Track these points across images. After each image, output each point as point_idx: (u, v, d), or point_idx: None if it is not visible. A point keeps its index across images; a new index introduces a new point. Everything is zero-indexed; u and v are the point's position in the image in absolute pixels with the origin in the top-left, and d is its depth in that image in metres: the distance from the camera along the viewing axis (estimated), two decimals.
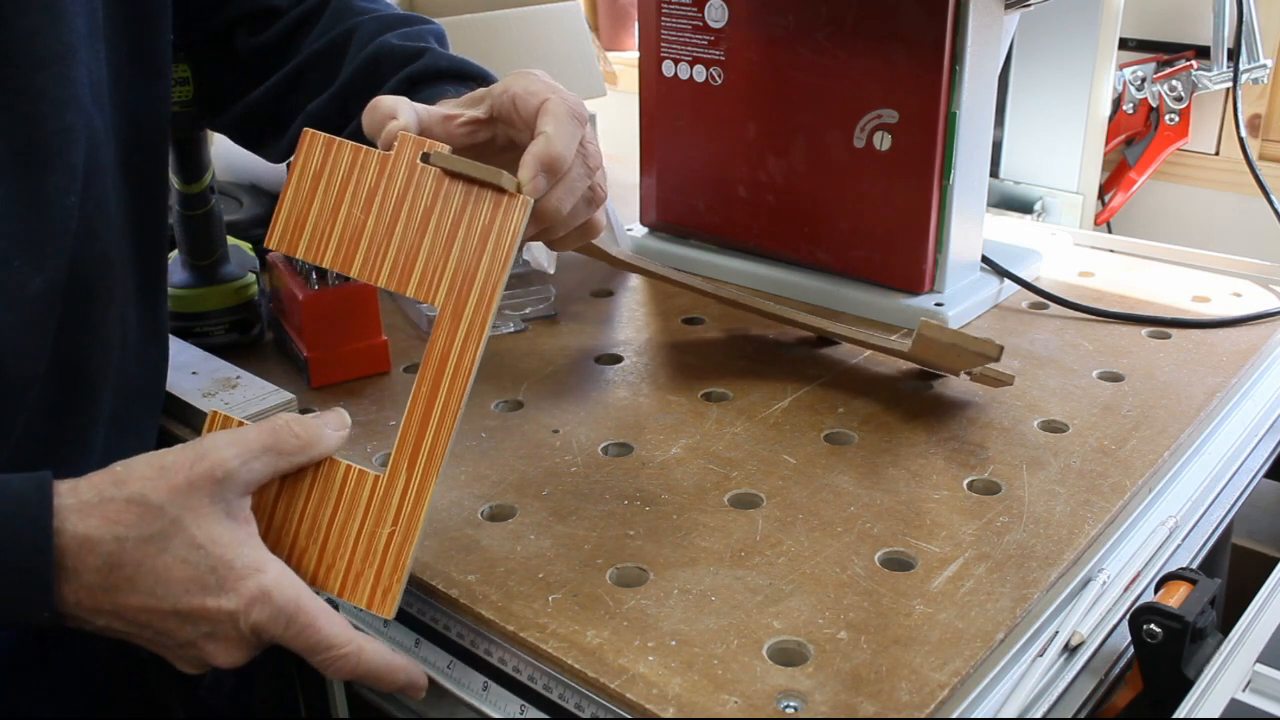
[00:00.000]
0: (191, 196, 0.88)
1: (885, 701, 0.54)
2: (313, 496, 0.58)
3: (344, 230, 0.59)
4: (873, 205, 0.95)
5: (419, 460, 0.57)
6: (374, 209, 0.59)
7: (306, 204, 0.60)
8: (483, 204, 0.58)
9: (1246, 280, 1.03)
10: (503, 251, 0.57)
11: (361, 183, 0.59)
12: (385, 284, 0.59)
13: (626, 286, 1.06)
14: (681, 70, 1.04)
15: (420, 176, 0.59)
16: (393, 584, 0.56)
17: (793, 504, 0.70)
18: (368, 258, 0.59)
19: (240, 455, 0.55)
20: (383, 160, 0.59)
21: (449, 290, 0.57)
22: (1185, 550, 0.70)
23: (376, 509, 0.57)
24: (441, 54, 0.74)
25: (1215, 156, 1.63)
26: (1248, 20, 1.31)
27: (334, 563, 0.57)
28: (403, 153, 0.59)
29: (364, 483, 0.58)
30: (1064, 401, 0.82)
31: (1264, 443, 0.81)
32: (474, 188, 0.58)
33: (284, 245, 0.60)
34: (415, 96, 0.70)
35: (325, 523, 0.57)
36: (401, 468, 0.57)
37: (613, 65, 2.17)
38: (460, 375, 0.57)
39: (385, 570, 0.56)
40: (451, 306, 0.57)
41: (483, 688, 0.60)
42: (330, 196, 0.60)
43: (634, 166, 1.11)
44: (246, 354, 0.91)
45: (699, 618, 0.59)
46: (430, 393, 0.57)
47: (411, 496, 0.57)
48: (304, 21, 0.79)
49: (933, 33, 0.88)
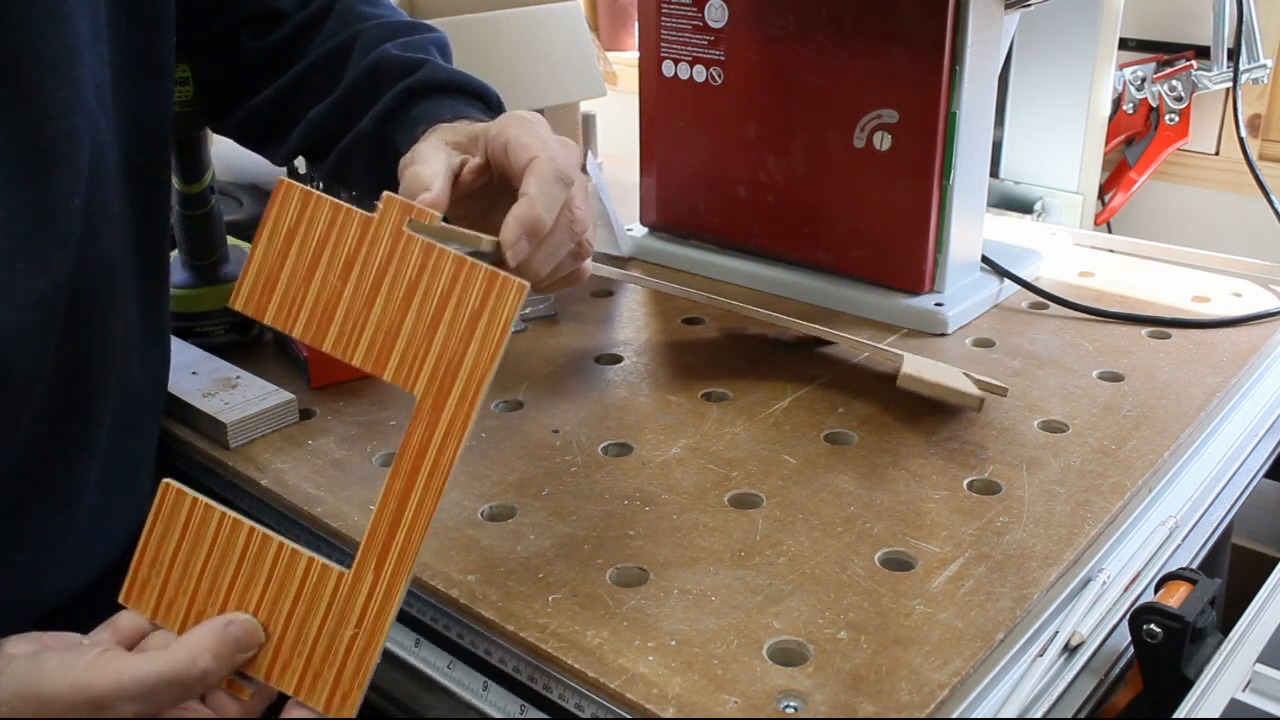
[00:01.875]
0: (191, 196, 0.88)
1: (885, 701, 0.54)
2: (270, 587, 0.53)
3: (318, 298, 0.53)
4: (873, 205, 0.95)
5: (388, 561, 0.52)
6: (352, 277, 0.53)
7: (279, 263, 0.53)
8: (474, 283, 0.51)
9: (1246, 280, 1.03)
10: (493, 340, 0.51)
11: (340, 246, 0.53)
12: (360, 364, 0.53)
13: (626, 286, 1.06)
14: (681, 70, 1.04)
15: (406, 245, 0.52)
16: (353, 688, 0.51)
17: (793, 504, 0.70)
18: (342, 332, 0.53)
19: (144, 710, 0.49)
20: (365, 222, 0.53)
21: (431, 378, 0.52)
22: (1185, 550, 0.70)
23: (340, 608, 0.52)
24: (441, 66, 0.74)
25: (1215, 156, 1.63)
26: (1248, 20, 1.31)
27: (290, 659, 0.52)
28: (387, 216, 0.53)
29: (327, 579, 0.52)
30: (1064, 401, 0.82)
31: (1264, 443, 0.81)
32: (464, 264, 0.52)
33: (250, 307, 0.54)
34: (414, 108, 0.70)
35: (283, 616, 0.52)
36: (369, 567, 0.52)
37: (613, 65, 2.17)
38: (438, 474, 0.52)
39: (346, 673, 0.51)
40: (433, 398, 0.52)
41: (483, 688, 0.60)
42: (305, 258, 0.53)
43: (634, 166, 1.11)
44: (246, 354, 0.91)
45: (699, 618, 0.59)
46: (404, 490, 0.52)
47: (379, 599, 0.52)
48: (308, 26, 0.78)
49: (933, 33, 0.88)
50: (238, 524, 0.54)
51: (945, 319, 0.93)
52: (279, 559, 0.53)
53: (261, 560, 0.53)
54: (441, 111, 0.69)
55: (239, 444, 0.78)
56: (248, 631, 0.52)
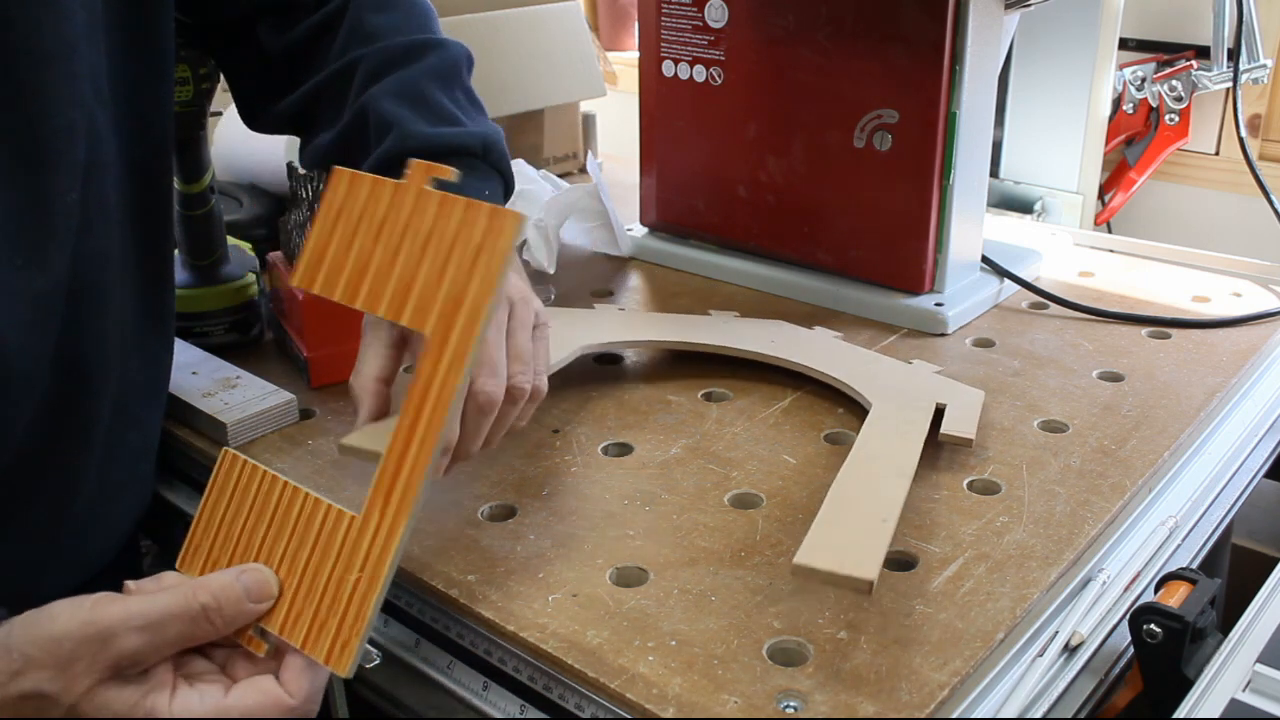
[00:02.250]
0: (191, 196, 0.88)
1: (885, 701, 0.54)
2: (294, 539, 0.55)
3: (355, 262, 0.58)
4: (873, 205, 0.95)
5: (392, 498, 0.53)
6: (383, 237, 0.57)
7: (327, 239, 0.59)
8: (477, 221, 0.55)
9: (1246, 280, 1.03)
10: (493, 271, 0.53)
11: (375, 212, 0.58)
12: (384, 313, 0.56)
13: (626, 286, 1.06)
14: (681, 70, 1.04)
15: (425, 199, 0.57)
16: (351, 637, 0.52)
17: (793, 504, 0.70)
18: (372, 288, 0.57)
19: (151, 643, 0.50)
20: (395, 188, 0.58)
21: (439, 315, 0.54)
22: (1185, 550, 0.70)
23: (348, 553, 0.53)
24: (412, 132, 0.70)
25: (1215, 156, 1.63)
26: (1248, 20, 1.31)
27: (302, 611, 0.53)
28: (414, 179, 0.57)
29: (340, 524, 0.54)
30: (1064, 401, 0.82)
31: (1264, 443, 0.81)
32: (471, 205, 0.55)
33: (304, 281, 0.59)
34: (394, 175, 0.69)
35: (301, 567, 0.54)
36: (377, 506, 0.53)
37: (613, 65, 2.17)
38: (441, 405, 0.53)
39: (346, 622, 0.52)
40: (440, 334, 0.54)
41: (483, 688, 0.60)
42: (347, 230, 0.58)
43: (634, 166, 1.11)
44: (246, 354, 0.91)
45: (699, 618, 0.59)
46: (410, 426, 0.53)
47: (381, 539, 0.52)
48: (325, 29, 0.77)
49: (933, 33, 0.88)
50: (275, 480, 0.56)
51: (945, 319, 0.93)
52: (303, 510, 0.55)
53: (290, 513, 0.55)
54: None
55: (239, 444, 0.78)
56: (259, 581, 0.53)
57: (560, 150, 1.41)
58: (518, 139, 1.35)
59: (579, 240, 1.15)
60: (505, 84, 1.28)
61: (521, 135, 1.35)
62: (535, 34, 1.31)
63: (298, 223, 0.86)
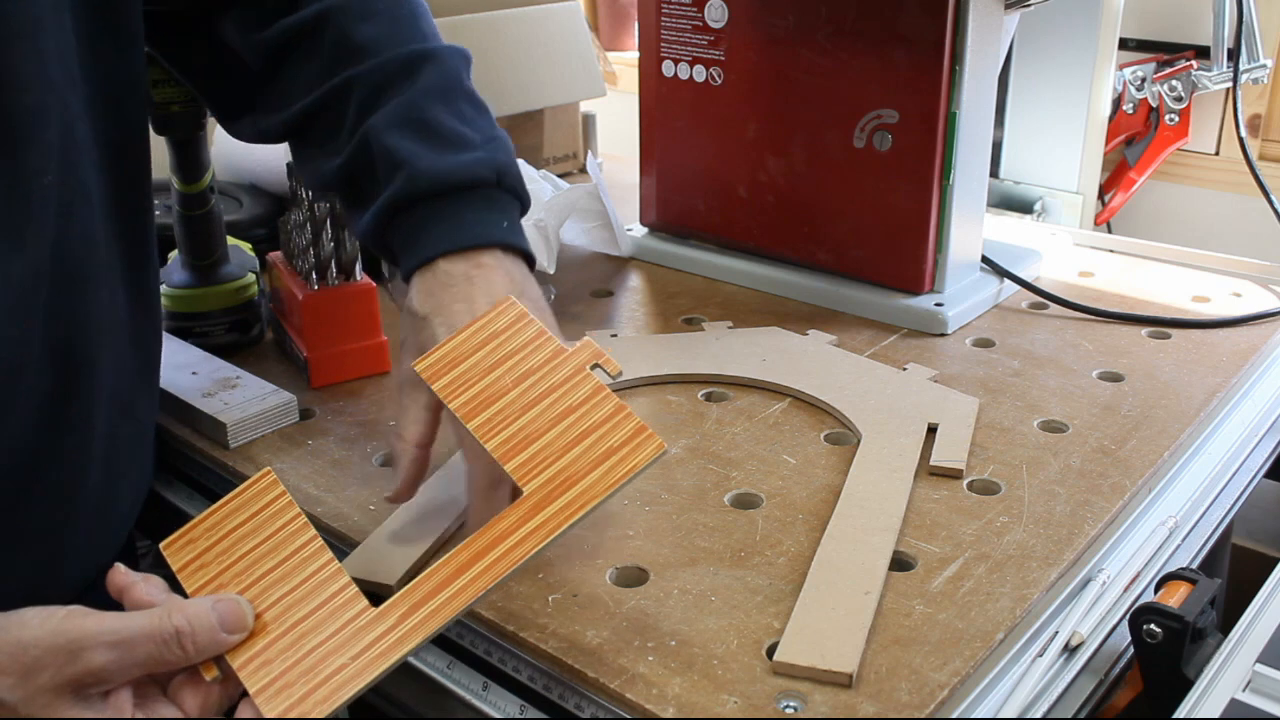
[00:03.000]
0: (191, 196, 0.88)
1: (885, 701, 0.54)
2: (296, 592, 0.54)
3: (487, 388, 0.59)
4: (873, 205, 0.95)
5: (416, 614, 0.52)
6: (524, 385, 0.59)
7: (469, 352, 0.61)
8: (622, 427, 0.56)
9: (1246, 280, 1.03)
10: (616, 475, 0.54)
11: (526, 360, 0.60)
12: (493, 449, 0.57)
13: (626, 286, 1.06)
14: (681, 70, 1.04)
15: (581, 379, 0.58)
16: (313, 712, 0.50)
17: (793, 504, 0.70)
18: (493, 419, 0.58)
19: (119, 661, 0.48)
20: (557, 351, 0.60)
21: (546, 482, 0.55)
22: (1185, 550, 0.70)
23: (347, 637, 0.52)
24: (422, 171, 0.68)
25: (1215, 156, 1.63)
26: (1248, 20, 1.31)
27: (272, 661, 0.52)
28: (579, 355, 0.59)
29: (351, 606, 0.53)
30: (1064, 401, 0.82)
31: (1264, 443, 0.81)
32: (621, 409, 0.57)
33: (428, 374, 0.61)
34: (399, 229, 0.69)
35: (291, 622, 0.53)
36: (396, 611, 0.52)
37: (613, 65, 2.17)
38: (504, 562, 0.53)
39: (314, 697, 0.50)
40: (539, 498, 0.54)
41: (483, 688, 0.60)
42: (493, 358, 0.60)
43: (634, 166, 1.11)
44: (246, 354, 0.91)
45: (699, 618, 0.59)
46: (467, 562, 0.53)
47: (387, 643, 0.52)
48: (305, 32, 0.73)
49: (933, 33, 0.88)
50: (305, 526, 0.56)
51: (945, 319, 0.93)
52: (320, 571, 0.54)
53: (303, 566, 0.54)
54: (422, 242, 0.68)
55: (239, 444, 0.78)
56: (234, 612, 0.52)
57: (560, 150, 1.41)
58: (518, 139, 1.34)
59: (579, 240, 1.15)
60: (505, 84, 1.28)
61: (521, 135, 1.35)
62: (535, 34, 1.31)
63: (298, 223, 0.86)
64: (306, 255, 0.85)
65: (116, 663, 0.48)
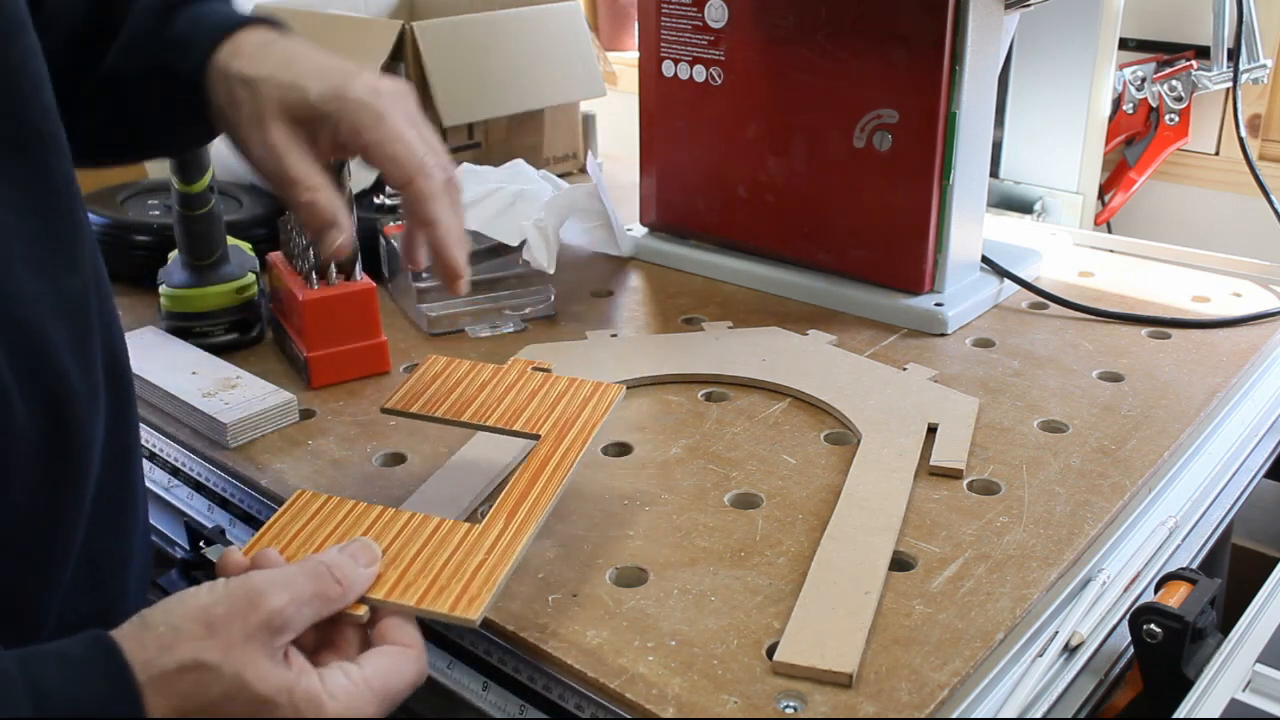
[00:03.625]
0: (191, 196, 0.88)
1: (885, 701, 0.54)
2: (398, 540, 0.57)
3: (457, 400, 0.69)
4: (873, 205, 0.95)
5: (518, 514, 0.59)
6: (485, 390, 0.70)
7: (425, 387, 0.70)
8: (583, 387, 0.69)
9: (1246, 280, 1.03)
10: (601, 410, 0.67)
11: (475, 379, 0.71)
12: (495, 423, 0.67)
13: (626, 286, 1.06)
14: (681, 70, 1.04)
15: (529, 375, 0.71)
16: (481, 592, 0.54)
17: (793, 504, 0.70)
18: (477, 411, 0.68)
19: (294, 603, 0.50)
20: (494, 370, 0.72)
21: (552, 426, 0.66)
22: (1185, 550, 0.70)
23: (468, 548, 0.56)
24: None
25: (1215, 156, 1.62)
26: (1248, 20, 1.31)
27: (415, 581, 0.54)
28: (513, 368, 0.72)
29: (456, 531, 0.57)
30: (1064, 401, 0.82)
31: (1264, 443, 0.81)
32: (574, 381, 0.70)
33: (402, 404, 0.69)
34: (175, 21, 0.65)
35: (410, 556, 0.56)
36: (500, 518, 0.58)
37: (613, 65, 2.17)
38: (562, 469, 0.62)
39: (474, 584, 0.54)
40: (555, 432, 0.65)
41: (483, 688, 0.60)
42: (446, 385, 0.70)
43: (634, 166, 1.11)
44: (246, 354, 0.91)
45: (699, 618, 0.59)
46: (531, 478, 0.61)
47: (508, 536, 0.57)
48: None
49: (933, 33, 0.88)
50: (370, 508, 0.59)
51: (945, 319, 0.93)
52: (409, 523, 0.58)
53: (391, 526, 0.58)
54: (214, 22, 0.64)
55: (239, 444, 0.78)
56: (363, 547, 0.54)
57: (560, 150, 1.41)
58: (518, 139, 1.35)
59: (579, 240, 1.15)
60: (505, 84, 1.28)
61: (521, 135, 1.35)
62: (535, 34, 1.31)
63: (298, 223, 0.86)
64: (306, 255, 0.85)
65: (291, 602, 0.49)
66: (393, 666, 0.51)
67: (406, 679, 0.51)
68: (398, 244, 0.99)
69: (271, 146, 0.62)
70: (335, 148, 0.63)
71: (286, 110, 0.62)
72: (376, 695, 0.50)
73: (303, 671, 0.49)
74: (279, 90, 0.62)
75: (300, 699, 0.48)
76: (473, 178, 1.07)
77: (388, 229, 1.01)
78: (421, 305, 0.95)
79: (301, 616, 0.50)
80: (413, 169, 0.61)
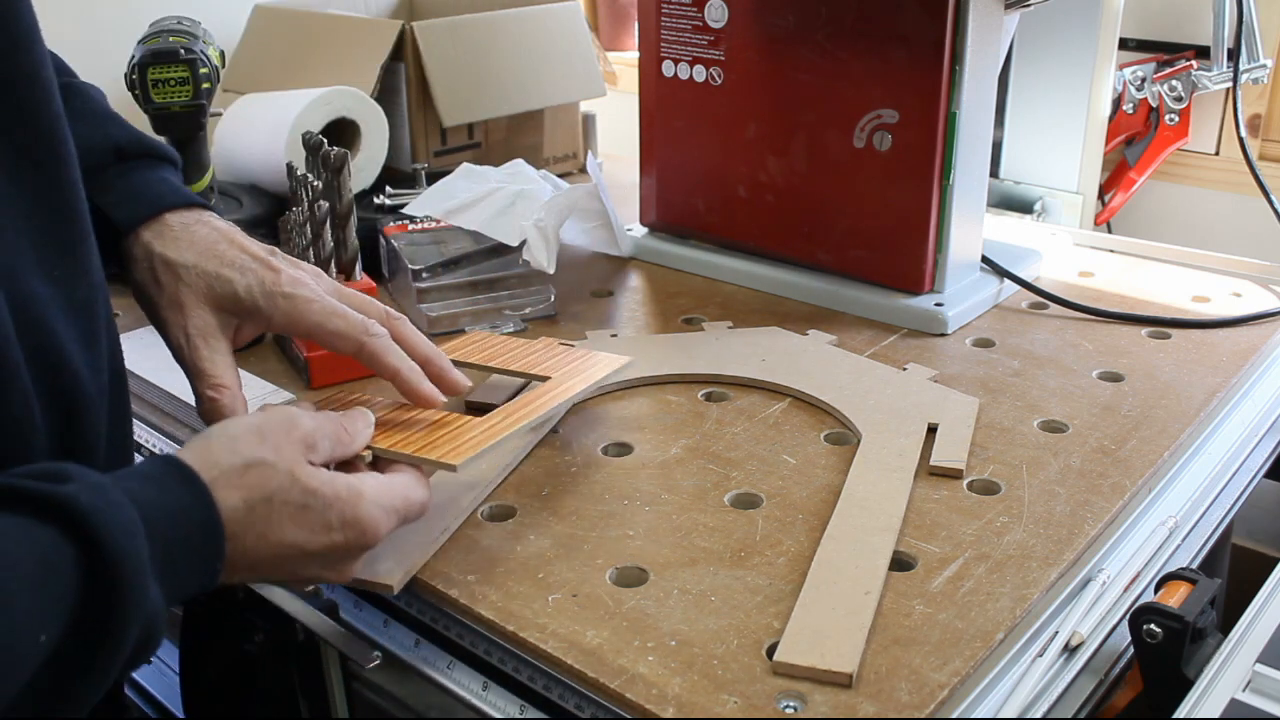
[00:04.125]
0: None
1: (885, 701, 0.54)
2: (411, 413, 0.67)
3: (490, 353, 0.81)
4: (873, 205, 0.95)
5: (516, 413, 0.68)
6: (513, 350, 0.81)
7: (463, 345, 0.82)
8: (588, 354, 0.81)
9: (1246, 280, 1.03)
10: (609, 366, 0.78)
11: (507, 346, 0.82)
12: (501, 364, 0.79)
13: (626, 286, 1.06)
14: (681, 70, 1.04)
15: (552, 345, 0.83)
16: (473, 447, 0.63)
17: (793, 504, 0.70)
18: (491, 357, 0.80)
19: (319, 431, 0.58)
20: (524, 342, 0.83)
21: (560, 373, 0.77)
22: (1185, 550, 0.70)
23: (468, 426, 0.65)
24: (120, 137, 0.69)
25: (1215, 156, 1.62)
26: (1248, 20, 1.31)
27: (412, 439, 0.63)
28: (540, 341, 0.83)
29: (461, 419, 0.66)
30: (1064, 401, 0.82)
31: (1264, 443, 0.81)
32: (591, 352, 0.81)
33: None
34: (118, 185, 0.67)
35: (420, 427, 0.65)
36: (499, 415, 0.68)
37: (613, 65, 2.17)
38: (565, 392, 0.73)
39: (468, 441, 0.63)
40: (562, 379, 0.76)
41: (483, 688, 0.60)
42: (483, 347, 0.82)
43: (634, 166, 1.11)
44: (246, 354, 0.91)
45: (699, 618, 0.59)
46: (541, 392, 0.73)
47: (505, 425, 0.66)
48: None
49: (933, 33, 0.88)
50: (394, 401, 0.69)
51: (945, 319, 0.93)
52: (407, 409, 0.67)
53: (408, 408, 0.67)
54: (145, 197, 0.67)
55: None
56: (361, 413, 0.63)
57: (560, 150, 1.41)
58: (518, 139, 1.35)
59: (579, 240, 1.15)
60: (505, 84, 1.28)
61: (521, 135, 1.35)
62: (535, 34, 1.31)
63: (298, 223, 0.86)
64: (306, 255, 0.85)
65: (318, 430, 0.58)
66: (409, 480, 0.60)
67: (419, 494, 0.60)
68: (398, 244, 0.99)
69: (190, 335, 0.66)
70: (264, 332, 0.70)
71: (213, 300, 0.66)
72: (398, 497, 0.58)
73: (337, 473, 0.58)
74: (204, 279, 0.66)
75: (341, 488, 0.56)
76: (473, 178, 1.07)
77: (388, 229, 1.01)
78: (421, 305, 0.95)
79: (324, 446, 0.58)
80: (358, 335, 0.66)
